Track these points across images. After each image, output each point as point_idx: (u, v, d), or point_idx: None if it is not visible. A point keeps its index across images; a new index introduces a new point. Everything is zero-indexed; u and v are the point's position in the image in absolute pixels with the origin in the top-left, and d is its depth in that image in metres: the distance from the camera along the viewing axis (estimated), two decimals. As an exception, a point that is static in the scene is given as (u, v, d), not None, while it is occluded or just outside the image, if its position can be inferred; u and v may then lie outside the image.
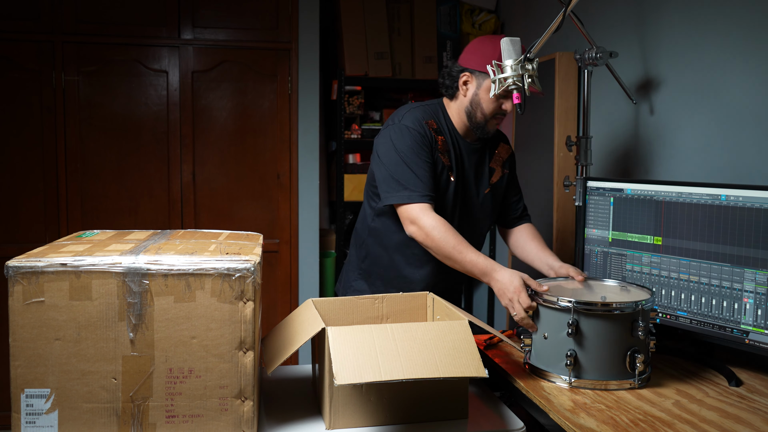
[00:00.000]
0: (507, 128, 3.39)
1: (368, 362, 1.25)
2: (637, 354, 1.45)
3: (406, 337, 1.31)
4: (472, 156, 1.92)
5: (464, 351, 1.31)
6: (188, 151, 3.26)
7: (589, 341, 1.47)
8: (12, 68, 3.08)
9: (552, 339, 1.52)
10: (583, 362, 1.48)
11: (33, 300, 1.19)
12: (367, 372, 1.24)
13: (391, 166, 1.78)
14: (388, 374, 1.24)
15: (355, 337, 1.30)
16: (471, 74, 1.85)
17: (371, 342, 1.29)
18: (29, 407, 1.21)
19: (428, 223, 1.72)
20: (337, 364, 1.24)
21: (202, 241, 1.43)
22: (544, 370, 1.54)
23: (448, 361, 1.28)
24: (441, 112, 1.90)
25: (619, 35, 2.36)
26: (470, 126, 1.87)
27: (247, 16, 3.28)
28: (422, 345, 1.30)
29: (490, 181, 1.94)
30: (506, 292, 1.61)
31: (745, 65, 1.81)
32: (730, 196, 1.57)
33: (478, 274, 1.69)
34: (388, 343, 1.29)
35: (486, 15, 3.48)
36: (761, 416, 1.34)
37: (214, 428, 1.25)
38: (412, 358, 1.27)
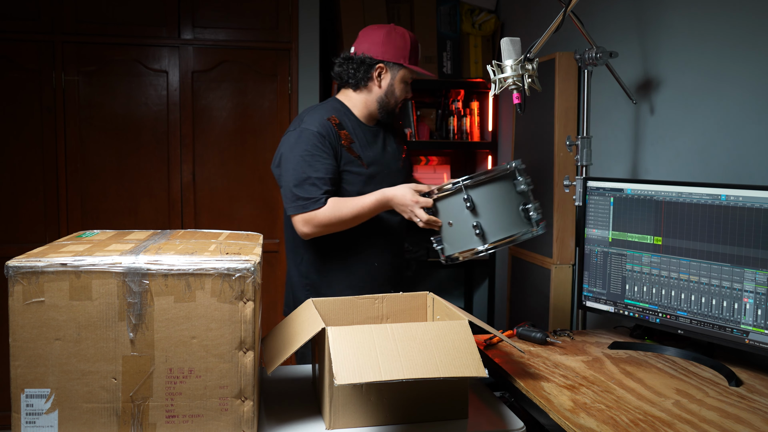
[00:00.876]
0: (507, 128, 3.39)
1: (368, 362, 1.25)
2: (528, 205, 1.74)
3: (406, 337, 1.31)
4: (378, 136, 2.05)
5: (464, 351, 1.31)
6: (188, 151, 3.26)
7: (486, 208, 1.72)
8: (12, 68, 3.08)
9: (457, 222, 1.75)
10: (487, 228, 1.71)
11: (33, 300, 1.19)
12: (367, 372, 1.24)
13: (288, 175, 1.89)
14: (388, 374, 1.24)
15: (355, 337, 1.30)
16: (386, 66, 1.98)
17: (371, 342, 1.29)
18: (29, 407, 1.21)
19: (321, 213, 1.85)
20: (337, 364, 1.24)
21: (202, 241, 1.43)
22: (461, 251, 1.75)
23: (448, 361, 1.28)
24: (340, 107, 2.00)
25: (619, 35, 2.35)
26: (380, 113, 2.01)
27: (247, 16, 3.28)
28: (422, 345, 1.30)
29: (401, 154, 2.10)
30: (405, 206, 1.80)
31: (745, 65, 1.81)
32: (730, 196, 1.57)
33: (377, 206, 1.86)
34: (388, 342, 1.29)
35: (486, 15, 3.48)
36: (761, 416, 1.34)
37: (214, 428, 1.25)
38: (412, 358, 1.27)
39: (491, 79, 1.94)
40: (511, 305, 3.11)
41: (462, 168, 3.96)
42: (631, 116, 2.30)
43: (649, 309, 1.77)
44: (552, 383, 1.52)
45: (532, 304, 2.84)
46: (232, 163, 3.31)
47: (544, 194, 2.74)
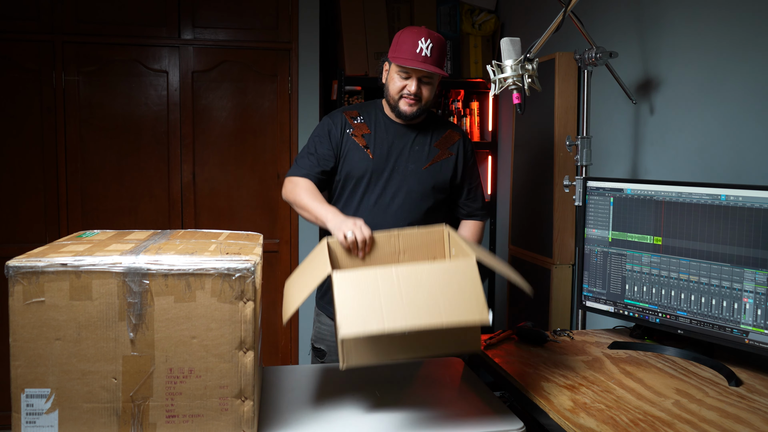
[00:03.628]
0: (507, 128, 3.39)
1: (372, 311, 1.25)
2: None
3: (411, 282, 1.30)
4: (405, 136, 2.06)
5: (469, 294, 1.30)
6: (188, 151, 3.26)
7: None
8: (12, 68, 3.08)
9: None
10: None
11: (33, 300, 1.19)
12: (371, 322, 1.24)
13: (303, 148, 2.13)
14: (391, 324, 1.24)
15: (359, 284, 1.29)
16: (387, 62, 2.04)
17: (376, 289, 1.28)
18: (29, 407, 1.21)
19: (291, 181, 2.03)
20: (341, 315, 1.25)
21: (202, 241, 1.43)
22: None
23: (452, 306, 1.27)
24: (375, 105, 2.12)
25: (619, 35, 2.36)
26: (390, 107, 2.04)
27: (247, 16, 3.28)
28: (427, 289, 1.30)
29: (432, 159, 2.07)
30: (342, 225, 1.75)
31: (745, 65, 1.81)
32: (730, 196, 1.57)
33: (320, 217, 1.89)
34: (393, 288, 1.29)
35: (486, 15, 3.48)
36: (761, 416, 1.34)
37: (214, 428, 1.25)
38: (417, 304, 1.27)
39: (491, 79, 1.94)
40: (511, 305, 3.11)
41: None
42: (631, 116, 2.30)
43: (649, 309, 1.77)
44: (552, 383, 1.52)
45: (532, 304, 2.84)
46: (232, 163, 3.31)
47: (544, 194, 2.74)
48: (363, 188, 2.04)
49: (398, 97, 1.99)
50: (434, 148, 2.07)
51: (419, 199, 2.03)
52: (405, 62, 1.93)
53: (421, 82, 1.97)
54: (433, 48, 1.94)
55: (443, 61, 1.99)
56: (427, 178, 2.04)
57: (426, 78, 1.97)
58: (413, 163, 2.04)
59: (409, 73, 1.96)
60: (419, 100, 1.98)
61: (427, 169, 2.05)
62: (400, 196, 2.02)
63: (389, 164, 2.03)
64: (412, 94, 1.97)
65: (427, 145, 2.07)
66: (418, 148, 2.05)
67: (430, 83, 1.99)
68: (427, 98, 2.00)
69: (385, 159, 2.03)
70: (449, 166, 2.08)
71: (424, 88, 1.98)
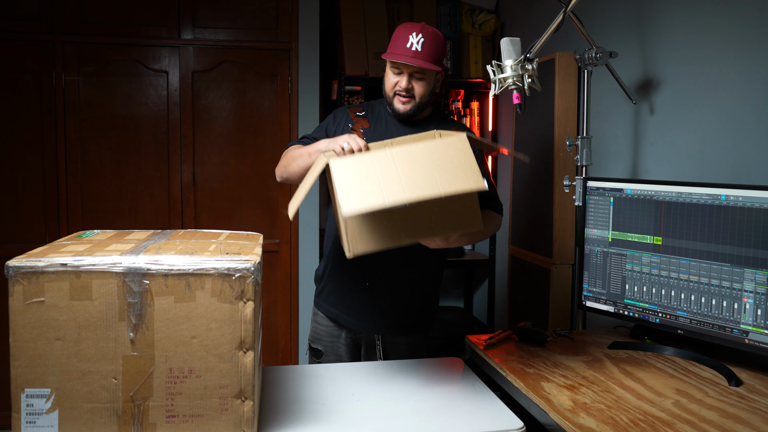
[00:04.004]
0: (507, 128, 3.39)
1: (371, 189, 1.27)
2: None
3: (407, 159, 1.32)
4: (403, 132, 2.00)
5: (463, 165, 1.31)
6: (188, 151, 3.26)
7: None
8: (12, 68, 3.08)
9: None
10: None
11: (33, 300, 1.19)
12: (371, 199, 1.25)
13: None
14: (391, 198, 1.26)
15: (357, 167, 1.31)
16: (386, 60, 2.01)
17: (373, 169, 1.30)
18: (29, 407, 1.21)
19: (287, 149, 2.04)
20: (342, 194, 1.26)
21: (202, 241, 1.43)
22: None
23: (448, 178, 1.29)
24: (381, 102, 2.10)
25: (619, 35, 2.36)
26: (387, 104, 2.02)
27: (247, 16, 3.28)
28: (422, 165, 1.31)
29: None
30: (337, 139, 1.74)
31: (745, 65, 1.81)
32: (730, 196, 1.57)
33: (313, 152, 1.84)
34: (389, 167, 1.31)
35: (486, 15, 3.48)
36: (761, 416, 1.34)
37: (214, 428, 1.25)
38: (413, 179, 1.29)
39: (491, 79, 1.94)
40: (511, 305, 3.11)
41: (462, 168, 3.96)
42: (631, 116, 2.30)
43: (649, 309, 1.77)
44: (552, 383, 1.52)
45: (532, 304, 2.84)
46: (232, 163, 3.31)
47: (544, 194, 2.74)
48: None
49: (392, 95, 1.96)
50: None
51: None
52: (392, 56, 1.91)
53: (413, 78, 1.92)
54: (425, 43, 1.89)
55: (438, 57, 1.94)
56: None
57: (418, 74, 1.92)
58: None
59: (400, 68, 1.92)
60: (413, 97, 1.94)
61: None
62: None
63: None
64: (404, 90, 1.94)
65: None
66: None
67: (423, 79, 1.93)
68: (422, 95, 1.95)
69: None
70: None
71: (417, 84, 1.92)
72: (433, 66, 1.90)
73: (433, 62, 1.91)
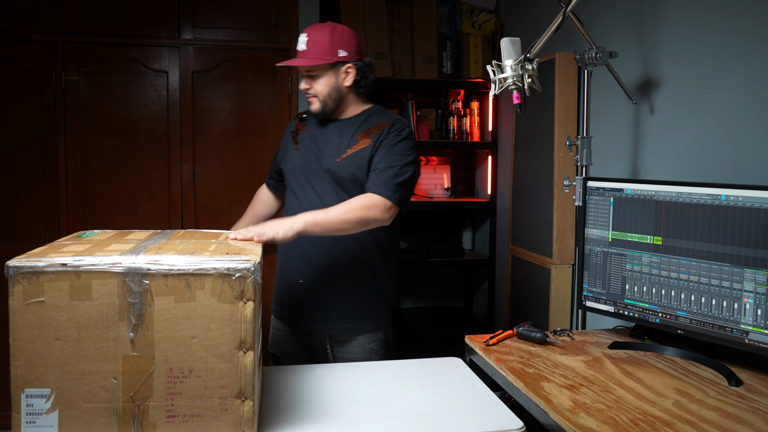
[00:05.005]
0: (507, 128, 3.39)
1: None
2: None
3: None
4: (333, 131, 2.04)
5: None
6: (188, 151, 3.26)
7: None
8: (12, 68, 3.08)
9: None
10: None
11: (33, 300, 1.19)
12: None
13: None
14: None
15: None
16: None
17: None
18: (29, 407, 1.21)
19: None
20: None
21: (202, 241, 1.43)
22: None
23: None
24: None
25: (619, 35, 2.36)
26: None
27: (246, 16, 3.28)
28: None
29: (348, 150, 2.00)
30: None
31: (745, 65, 1.81)
32: (730, 196, 1.57)
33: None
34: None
35: (486, 15, 3.48)
36: (761, 416, 1.34)
37: (214, 428, 1.25)
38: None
39: (491, 79, 1.94)
40: (511, 305, 3.11)
41: (462, 168, 3.96)
42: (631, 116, 2.30)
43: (649, 309, 1.77)
44: (552, 383, 1.52)
45: (532, 304, 2.84)
46: (232, 163, 3.31)
47: (544, 194, 2.74)
48: (295, 183, 2.06)
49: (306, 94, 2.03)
50: (354, 139, 1.99)
51: (334, 190, 1.99)
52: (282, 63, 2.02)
53: (309, 78, 1.96)
54: (309, 41, 1.92)
55: (327, 49, 1.92)
56: (341, 169, 1.97)
57: (310, 72, 1.95)
58: (331, 156, 2.00)
59: (300, 72, 1.99)
60: (316, 96, 1.98)
61: (342, 160, 1.98)
62: (318, 188, 2.01)
63: (312, 160, 2.03)
64: (306, 92, 1.99)
65: (349, 137, 2.00)
66: (338, 140, 2.01)
67: (318, 76, 1.95)
68: (322, 92, 1.96)
69: (309, 155, 2.04)
70: (365, 154, 1.96)
71: (313, 82, 1.96)
72: (318, 60, 1.92)
73: (319, 57, 1.92)
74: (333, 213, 1.81)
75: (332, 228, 1.80)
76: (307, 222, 1.75)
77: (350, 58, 1.96)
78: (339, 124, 2.04)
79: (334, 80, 1.96)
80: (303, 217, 1.76)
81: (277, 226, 1.69)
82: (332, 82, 1.96)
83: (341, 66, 1.96)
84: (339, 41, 1.94)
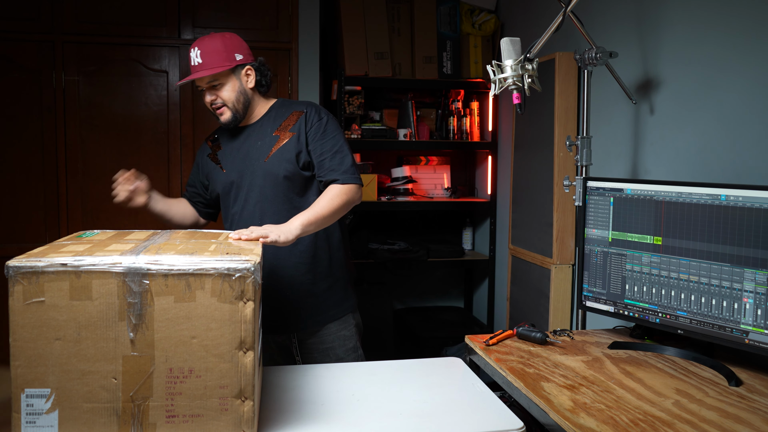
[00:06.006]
0: (507, 128, 3.39)
1: None
2: None
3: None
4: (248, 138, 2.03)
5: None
6: (188, 151, 3.26)
7: None
8: (12, 68, 3.08)
9: None
10: None
11: (33, 300, 1.19)
12: None
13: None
14: None
15: None
16: None
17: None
18: (29, 407, 1.21)
19: None
20: None
21: (202, 241, 1.43)
22: None
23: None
24: None
25: (619, 35, 2.36)
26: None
27: (247, 16, 3.28)
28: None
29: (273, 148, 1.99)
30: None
31: (745, 65, 1.81)
32: (730, 196, 1.57)
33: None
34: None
35: (486, 15, 3.48)
36: (761, 416, 1.34)
37: (214, 428, 1.25)
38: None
39: (491, 79, 1.94)
40: (511, 305, 3.11)
41: (462, 168, 3.96)
42: (631, 116, 2.30)
43: (649, 309, 1.77)
44: (552, 383, 1.52)
45: (532, 304, 2.84)
46: (232, 163, 3.31)
47: (544, 194, 2.74)
48: (231, 201, 2.04)
49: (213, 112, 1.99)
50: (274, 137, 2.00)
51: (272, 192, 1.98)
52: (181, 80, 1.97)
53: (213, 89, 1.94)
54: (203, 52, 1.91)
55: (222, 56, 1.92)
56: (271, 168, 1.97)
57: (212, 83, 1.93)
58: (256, 160, 1.99)
59: (200, 86, 1.95)
60: (224, 105, 1.96)
61: (269, 159, 1.97)
62: (254, 196, 1.99)
63: (238, 171, 2.01)
64: (211, 104, 1.96)
65: (267, 136, 2.00)
66: (259, 144, 2.00)
67: (221, 84, 1.94)
68: (230, 98, 1.96)
69: (234, 167, 2.02)
70: (291, 147, 1.97)
71: (218, 92, 1.94)
72: (219, 68, 1.91)
73: (219, 64, 1.92)
74: (320, 208, 1.86)
75: (324, 222, 1.87)
76: (303, 224, 1.78)
77: (246, 59, 1.98)
78: (252, 129, 2.04)
79: (238, 84, 1.96)
80: (297, 221, 1.79)
81: (278, 230, 1.70)
82: (237, 87, 1.96)
83: (241, 69, 1.96)
84: (232, 46, 1.95)
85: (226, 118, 1.98)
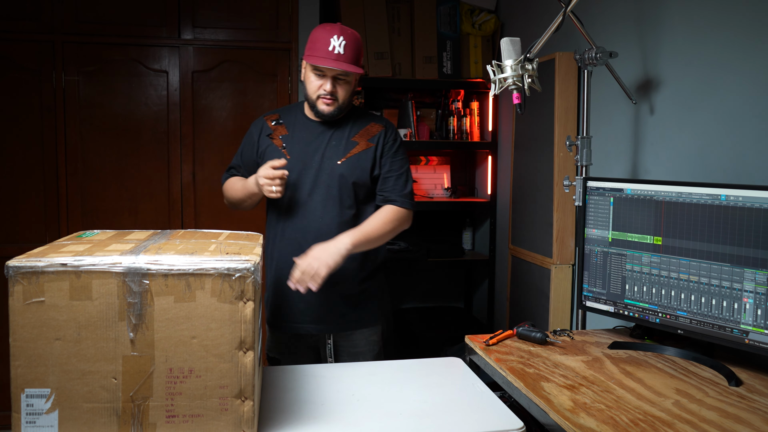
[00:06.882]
0: (507, 128, 3.39)
1: None
2: None
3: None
4: (323, 133, 2.04)
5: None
6: (188, 151, 3.26)
7: None
8: (12, 68, 3.08)
9: None
10: None
11: (33, 300, 1.19)
12: None
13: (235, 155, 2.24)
14: None
15: None
16: (305, 63, 2.00)
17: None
18: (29, 407, 1.21)
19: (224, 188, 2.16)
20: None
21: (202, 241, 1.43)
22: None
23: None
24: (297, 106, 2.14)
25: (619, 35, 2.36)
26: (310, 107, 2.03)
27: (246, 16, 3.28)
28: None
29: (348, 152, 2.02)
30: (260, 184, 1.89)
31: (745, 65, 1.81)
32: (730, 196, 1.57)
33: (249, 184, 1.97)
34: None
35: (486, 15, 3.48)
36: (761, 416, 1.34)
37: (214, 428, 1.25)
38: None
39: (491, 79, 1.94)
40: (511, 305, 3.11)
41: (462, 168, 3.96)
42: (631, 116, 2.30)
43: (649, 309, 1.77)
44: (552, 383, 1.52)
45: (532, 304, 2.84)
46: (232, 163, 3.31)
47: (544, 194, 2.74)
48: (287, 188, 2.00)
49: (316, 98, 1.97)
50: (352, 142, 2.02)
51: (338, 193, 1.99)
52: (317, 61, 1.90)
53: (337, 81, 1.94)
54: (347, 45, 1.90)
55: (359, 58, 1.96)
56: (343, 171, 1.99)
57: (342, 77, 1.94)
58: (329, 159, 2.00)
59: (323, 71, 1.93)
60: (336, 99, 1.96)
61: (343, 162, 2.00)
62: (319, 192, 1.99)
63: (306, 162, 2.01)
64: (328, 94, 1.95)
65: (345, 139, 2.02)
66: (335, 143, 2.02)
67: (346, 82, 1.95)
68: (344, 97, 1.97)
69: (302, 158, 2.01)
70: (368, 158, 2.02)
71: (340, 87, 1.95)
72: (357, 69, 1.93)
73: (355, 64, 1.93)
74: (370, 229, 1.93)
75: (373, 244, 1.95)
76: (354, 243, 1.85)
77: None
78: (329, 127, 2.04)
79: (353, 86, 2.00)
80: (346, 238, 1.85)
81: (326, 258, 1.79)
82: (352, 90, 2.00)
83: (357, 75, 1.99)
84: (362, 49, 2.00)
85: (330, 110, 1.98)
